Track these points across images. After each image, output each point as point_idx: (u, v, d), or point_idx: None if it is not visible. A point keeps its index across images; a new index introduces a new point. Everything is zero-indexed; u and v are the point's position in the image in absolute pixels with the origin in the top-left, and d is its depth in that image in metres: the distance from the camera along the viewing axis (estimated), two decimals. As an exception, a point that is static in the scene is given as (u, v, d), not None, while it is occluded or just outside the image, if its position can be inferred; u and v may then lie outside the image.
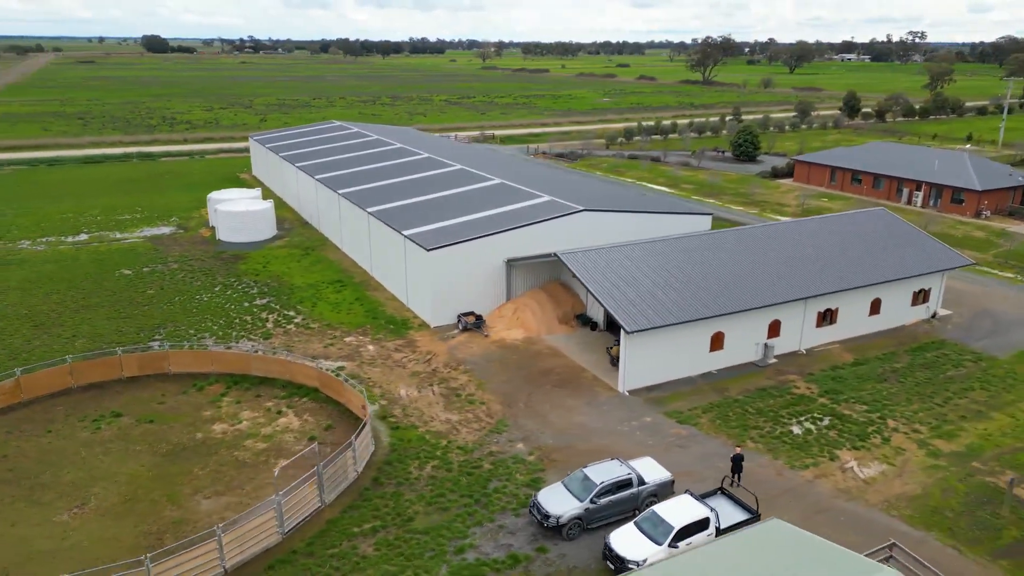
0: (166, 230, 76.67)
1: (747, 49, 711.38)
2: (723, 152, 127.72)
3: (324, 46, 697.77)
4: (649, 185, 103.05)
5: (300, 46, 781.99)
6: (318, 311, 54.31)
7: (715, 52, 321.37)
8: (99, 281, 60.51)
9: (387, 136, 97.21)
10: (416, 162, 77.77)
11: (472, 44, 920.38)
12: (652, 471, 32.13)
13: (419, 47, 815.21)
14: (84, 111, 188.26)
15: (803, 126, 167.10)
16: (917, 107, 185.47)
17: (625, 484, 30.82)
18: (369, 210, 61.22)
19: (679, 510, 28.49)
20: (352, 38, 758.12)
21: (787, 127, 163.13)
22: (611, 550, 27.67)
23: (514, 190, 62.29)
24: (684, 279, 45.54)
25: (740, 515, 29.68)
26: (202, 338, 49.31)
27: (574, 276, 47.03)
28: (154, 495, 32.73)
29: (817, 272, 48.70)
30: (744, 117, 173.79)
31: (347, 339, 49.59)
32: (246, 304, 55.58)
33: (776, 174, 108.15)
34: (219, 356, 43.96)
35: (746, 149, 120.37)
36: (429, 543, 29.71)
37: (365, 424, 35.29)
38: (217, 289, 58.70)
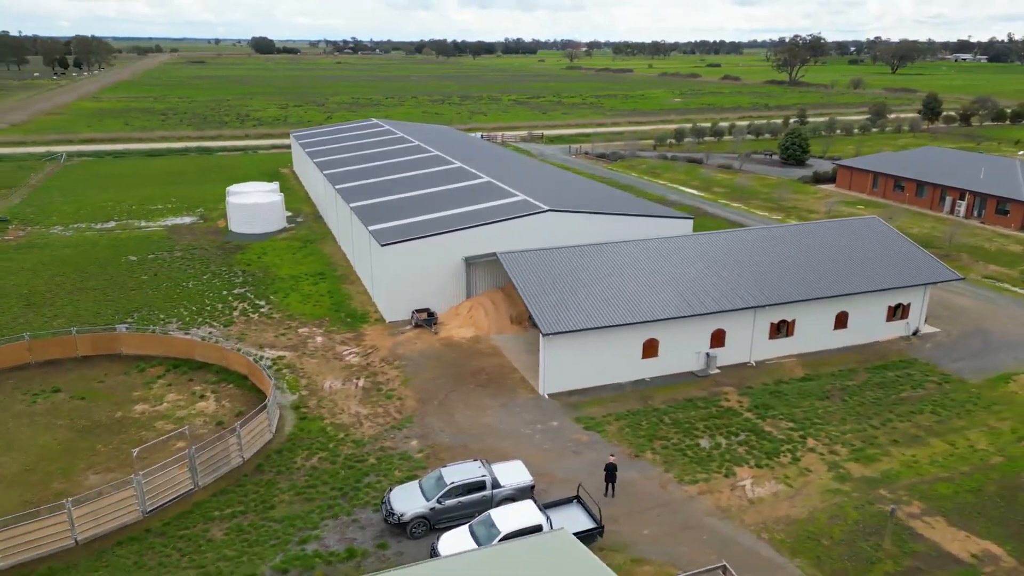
0: (187, 220, 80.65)
1: (852, 48, 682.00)
2: (771, 155, 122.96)
3: (419, 47, 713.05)
4: (680, 188, 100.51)
5: (397, 47, 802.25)
6: (287, 302, 55.97)
7: (802, 52, 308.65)
8: (105, 266, 64.39)
9: (413, 135, 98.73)
10: (421, 160, 78.74)
11: (567, 44, 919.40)
12: (513, 475, 31.65)
13: (512, 47, 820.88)
14: (171, 107, 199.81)
15: (874, 129, 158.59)
16: (1009, 111, 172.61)
17: (477, 486, 30.50)
18: (351, 205, 62.57)
19: (512, 516, 27.97)
20: (452, 39, 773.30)
21: (856, 130, 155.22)
22: (435, 552, 27.49)
23: (497, 189, 62.22)
24: (620, 283, 44.42)
25: (582, 525, 28.83)
26: (169, 323, 51.78)
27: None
28: (52, 467, 34.75)
29: (772, 281, 46.44)
30: (812, 119, 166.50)
31: (301, 330, 50.94)
32: (224, 292, 57.90)
33: (818, 179, 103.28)
34: (166, 340, 46.08)
35: (794, 152, 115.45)
36: (278, 532, 30.34)
37: (256, 413, 36.29)
38: (205, 277, 61.41)
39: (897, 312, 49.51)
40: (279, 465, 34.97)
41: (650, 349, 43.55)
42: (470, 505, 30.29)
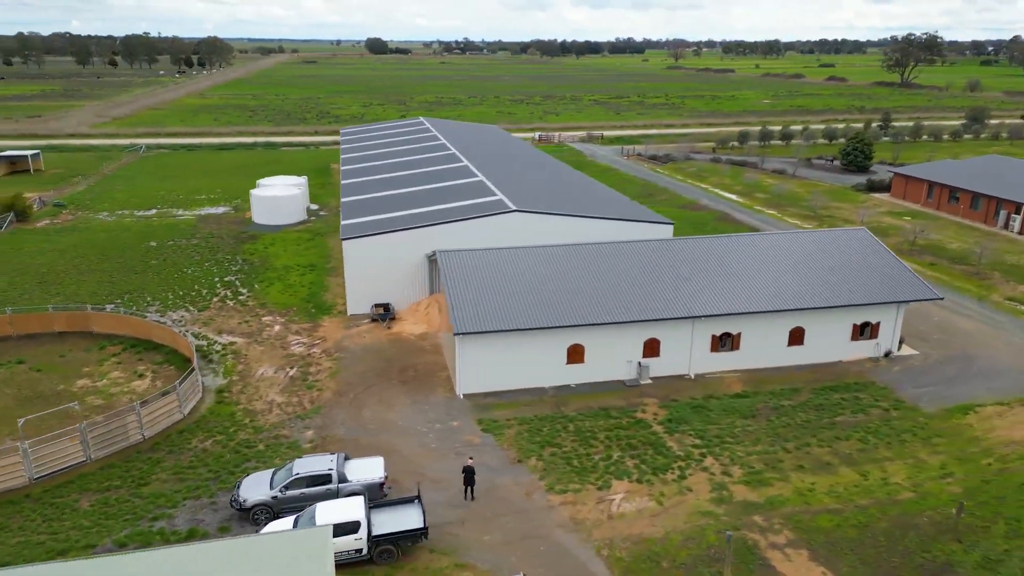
0: (220, 210, 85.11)
1: (990, 49, 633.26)
2: (832, 160, 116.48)
3: (524, 47, 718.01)
4: (720, 192, 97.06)
5: (504, 47, 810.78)
6: (267, 291, 58.26)
7: (916, 51, 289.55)
8: (125, 250, 69.04)
9: (446, 134, 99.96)
10: (433, 158, 79.71)
11: (679, 43, 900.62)
12: (364, 471, 31.91)
13: (620, 47, 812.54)
14: (263, 104, 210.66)
15: (967, 136, 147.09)
16: None
17: (322, 479, 30.99)
18: (344, 199, 64.33)
19: (333, 511, 28.26)
20: (562, 39, 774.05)
21: (946, 136, 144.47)
22: (257, 537, 28.16)
23: (483, 188, 62.30)
24: (550, 286, 43.68)
25: (407, 525, 28.75)
26: (151, 305, 55.07)
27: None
28: (-21, 431, 37.90)
29: (716, 292, 44.36)
30: (900, 123, 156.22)
31: (265, 318, 52.96)
32: (215, 279, 60.91)
33: (872, 187, 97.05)
34: (130, 321, 49.06)
35: (855, 158, 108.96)
36: (138, 507, 31.90)
37: (162, 394, 38.18)
38: (207, 264, 64.77)
39: (865, 331, 46.16)
40: (174, 445, 36.68)
41: (575, 355, 42.61)
42: (314, 497, 30.81)
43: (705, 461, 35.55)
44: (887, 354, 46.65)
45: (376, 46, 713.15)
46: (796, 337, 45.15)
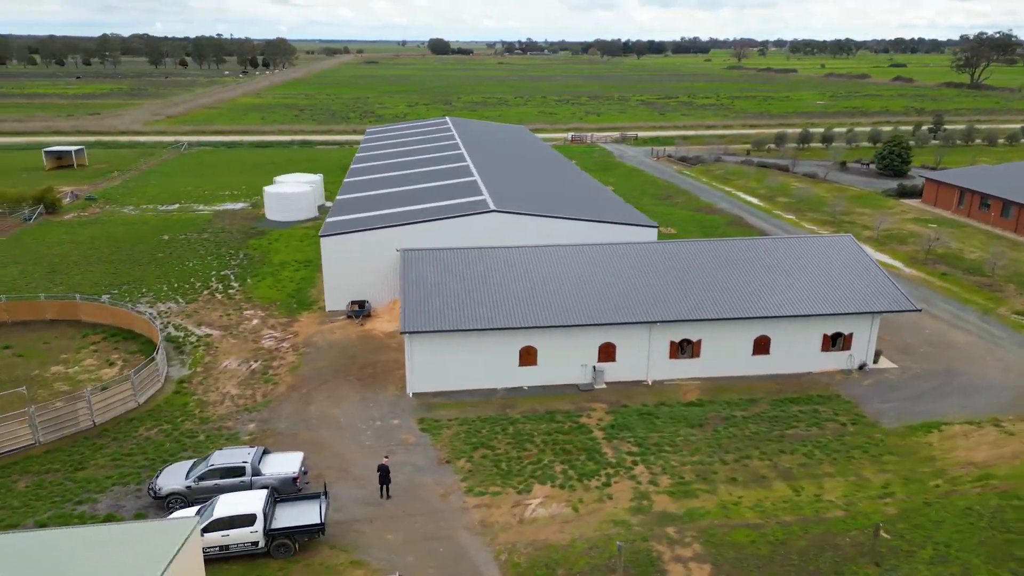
0: (238, 206, 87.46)
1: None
2: (868, 164, 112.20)
3: (586, 47, 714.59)
4: (741, 195, 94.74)
5: (566, 47, 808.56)
6: (258, 285, 59.63)
7: (987, 50, 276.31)
8: (136, 243, 71.66)
9: (466, 134, 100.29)
10: (439, 157, 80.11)
11: (744, 43, 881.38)
12: (281, 465, 32.34)
13: (684, 47, 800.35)
14: (312, 104, 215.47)
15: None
16: None
17: (236, 472, 31.57)
18: (338, 196, 65.31)
19: (232, 503, 28.76)
20: (626, 39, 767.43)
21: (1001, 140, 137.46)
22: (160, 525, 28.90)
23: (473, 188, 62.35)
24: (508, 287, 43.44)
25: (305, 521, 29.01)
26: (144, 296, 57.05)
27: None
28: (-51, 411, 39.93)
29: (676, 297, 43.32)
30: (953, 126, 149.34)
31: (246, 312, 54.22)
32: (212, 273, 62.68)
33: (904, 193, 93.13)
34: (114, 311, 50.92)
35: (891, 162, 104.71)
36: (68, 491, 33.08)
37: (116, 382, 39.50)
38: (208, 258, 66.71)
39: (837, 342, 44.38)
40: (121, 432, 37.91)
41: (527, 357, 42.27)
42: (227, 488, 31.40)
43: (635, 469, 34.79)
44: (861, 367, 44.74)
45: (438, 47, 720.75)
46: (761, 346, 43.73)
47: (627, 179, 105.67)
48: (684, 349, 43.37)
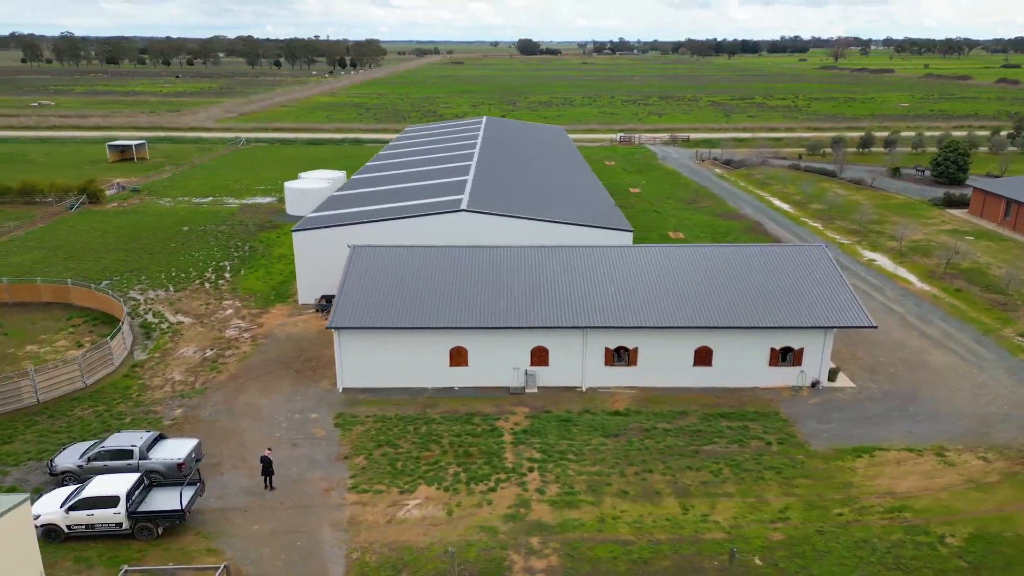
0: (266, 200, 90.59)
1: None
2: (924, 171, 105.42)
3: (676, 47, 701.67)
4: (773, 200, 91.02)
5: (656, 47, 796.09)
6: (246, 277, 61.66)
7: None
8: (157, 232, 75.36)
9: (494, 133, 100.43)
10: (452, 156, 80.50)
11: (842, 42, 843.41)
12: (170, 451, 33.32)
13: (781, 46, 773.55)
14: (379, 103, 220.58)
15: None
16: None
17: (124, 454, 32.78)
18: (334, 193, 66.71)
19: (102, 485, 29.87)
20: (724, 38, 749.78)
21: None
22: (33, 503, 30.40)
23: (459, 187, 62.39)
24: (445, 287, 43.30)
25: (168, 506, 29.83)
26: (139, 284, 59.97)
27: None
28: (-79, 383, 43.14)
29: (611, 303, 42.07)
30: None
31: (226, 302, 56.18)
32: (212, 262, 65.26)
33: (950, 202, 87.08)
34: (99, 297, 53.75)
35: (947, 169, 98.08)
36: (-11, 461, 35.25)
37: (61, 363, 41.74)
38: (215, 249, 69.45)
39: (787, 357, 42.04)
40: (58, 411, 39.99)
41: (458, 358, 42.04)
42: (116, 470, 32.66)
43: (528, 476, 34.08)
44: (814, 384, 42.22)
45: (527, 47, 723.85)
46: (703, 357, 41.93)
47: (660, 182, 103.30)
48: (621, 357, 42.11)
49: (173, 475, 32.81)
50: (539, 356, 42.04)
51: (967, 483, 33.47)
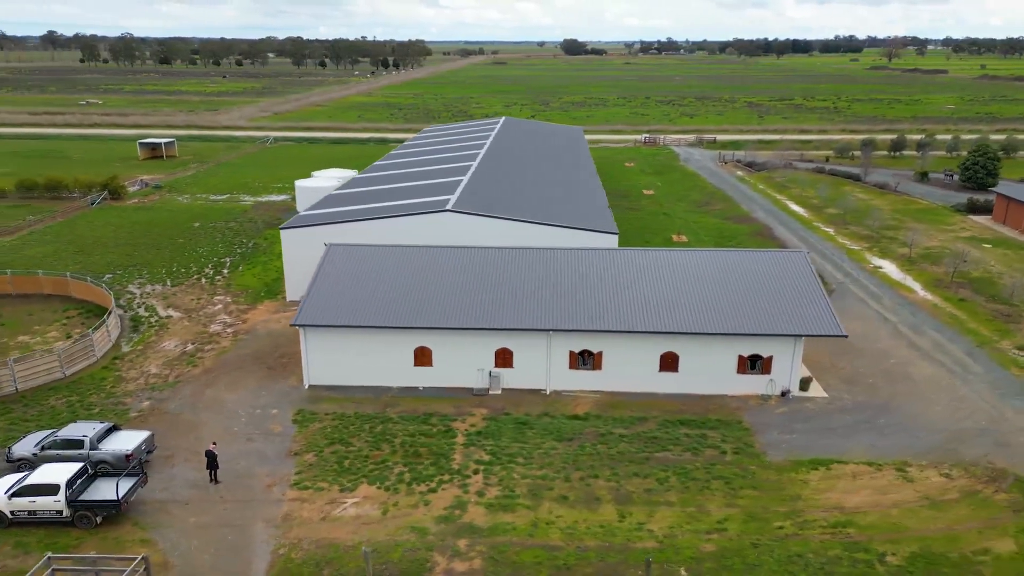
0: (280, 198, 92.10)
1: None
2: (952, 176, 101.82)
3: (723, 47, 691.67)
4: (788, 204, 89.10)
5: (702, 47, 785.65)
6: (243, 273, 62.78)
7: None
8: (168, 228, 77.24)
9: (510, 134, 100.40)
10: (457, 157, 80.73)
11: (903, 42, 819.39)
12: (121, 442, 34.07)
13: (832, 46, 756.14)
14: (413, 103, 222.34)
15: None
16: None
17: (76, 444, 33.66)
18: (334, 192, 67.46)
19: (43, 473, 30.69)
20: (778, 37, 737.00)
21: None
22: (-8, 487, 31.45)
23: (451, 187, 62.52)
24: (412, 287, 43.44)
25: (108, 496, 30.52)
26: (140, 278, 61.54)
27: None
28: (-87, 370, 44.98)
29: (576, 306, 41.65)
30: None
31: (217, 297, 57.29)
32: (215, 258, 66.62)
33: (973, 208, 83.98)
34: (94, 290, 55.31)
35: (975, 174, 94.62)
36: (-44, 446, 36.55)
37: (39, 353, 43.08)
38: (219, 246, 70.89)
39: (756, 365, 41.05)
40: (34, 400, 41.26)
41: (422, 358, 42.13)
42: (68, 459, 33.54)
43: (472, 478, 33.96)
44: (784, 393, 41.15)
45: (571, 47, 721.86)
46: (669, 363, 41.22)
47: (676, 184, 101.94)
48: (586, 360, 41.67)
49: (122, 466, 33.57)
50: (503, 358, 41.87)
51: (922, 500, 32.24)
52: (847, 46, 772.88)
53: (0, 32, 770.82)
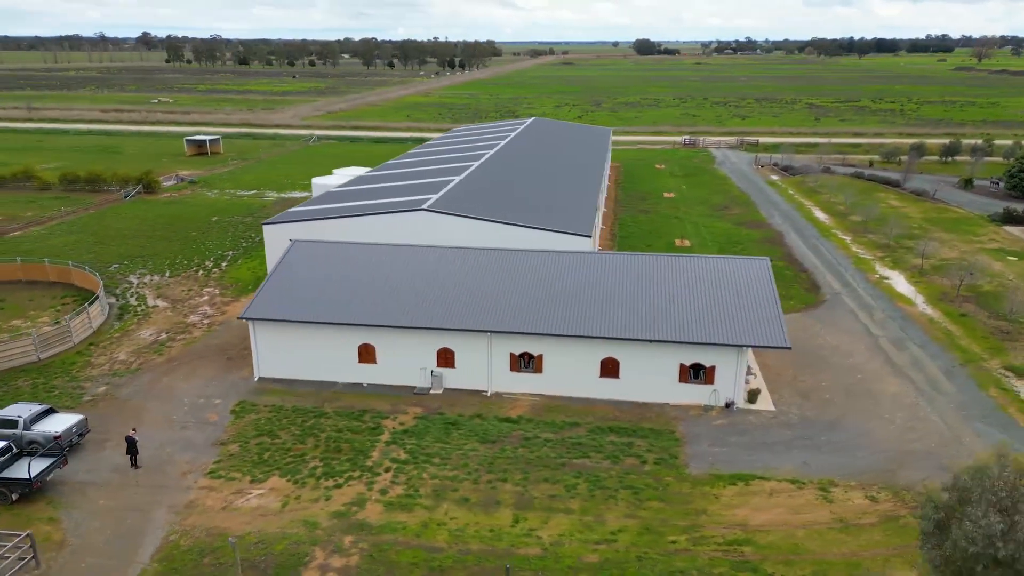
0: (302, 195, 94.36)
1: None
2: (998, 183, 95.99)
3: (802, 46, 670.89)
4: (812, 210, 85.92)
5: (780, 47, 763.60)
6: (239, 267, 64.68)
7: None
8: (188, 221, 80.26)
9: (530, 134, 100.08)
10: (463, 157, 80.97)
11: (998, 41, 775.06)
12: (53, 425, 35.56)
13: (921, 45, 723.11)
14: (465, 103, 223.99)
15: None
16: None
17: (10, 424, 35.38)
18: (332, 189, 68.74)
19: (-31, 451, 32.53)
20: (864, 36, 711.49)
21: None
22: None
23: (437, 186, 62.74)
24: (362, 284, 43.90)
25: (21, 475, 31.96)
26: (142, 268, 64.19)
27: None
28: (-91, 349, 48.15)
29: (514, 308, 41.23)
30: None
31: (206, 289, 59.22)
32: (217, 252, 68.89)
33: (1010, 218, 79.00)
34: (94, 280, 57.96)
35: (1021, 181, 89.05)
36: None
37: (15, 337, 45.43)
38: (228, 240, 73.23)
39: (699, 374, 39.76)
40: (4, 381, 43.56)
41: (366, 355, 42.52)
42: (4, 438, 35.32)
43: (381, 476, 34.12)
44: (728, 404, 39.72)
45: (643, 47, 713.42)
46: (609, 369, 40.37)
47: (701, 187, 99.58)
48: (527, 363, 41.24)
49: (49, 446, 35.12)
50: (445, 358, 41.84)
51: (834, 522, 30.63)
52: (937, 46, 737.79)
53: (100, 34, 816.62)
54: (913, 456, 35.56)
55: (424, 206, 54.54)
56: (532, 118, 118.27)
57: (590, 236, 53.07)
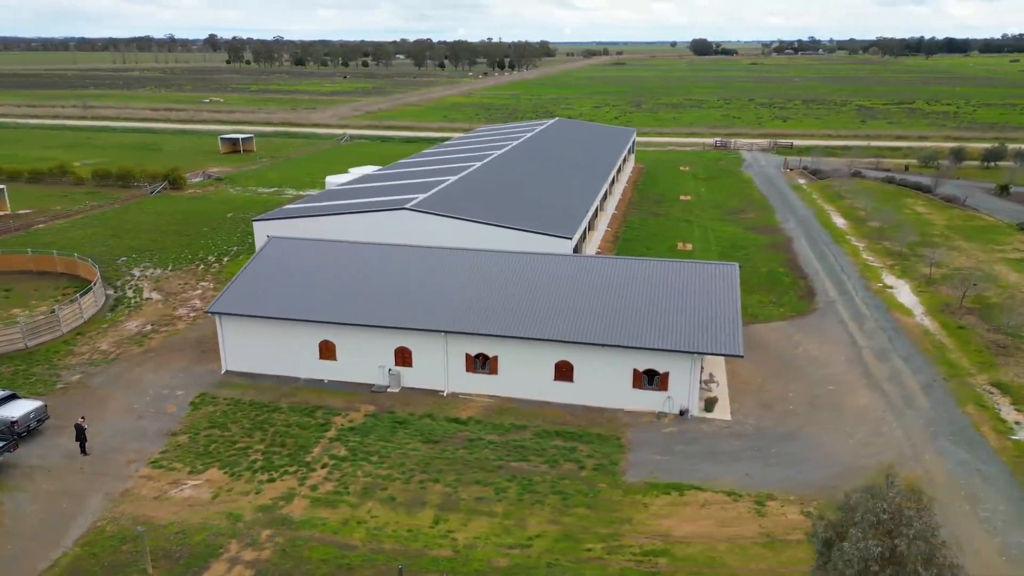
0: (317, 192, 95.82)
1: None
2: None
3: (866, 46, 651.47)
4: (831, 215, 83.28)
5: (845, 46, 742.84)
6: (235, 262, 66.02)
7: None
8: (204, 216, 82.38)
9: (549, 134, 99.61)
10: (469, 157, 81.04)
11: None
12: (12, 410, 36.84)
13: (995, 46, 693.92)
14: (505, 104, 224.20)
15: None
16: None
17: (-24, 409, 36.95)
18: (334, 187, 69.63)
19: (-73, 429, 34.02)
20: (935, 36, 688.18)
21: None
22: None
23: (428, 186, 62.93)
24: (326, 282, 44.34)
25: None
26: (147, 261, 66.15)
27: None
28: (-88, 334, 50.61)
29: (470, 309, 41.02)
30: None
31: (201, 283, 60.67)
32: (222, 247, 70.51)
33: (1039, 226, 75.21)
34: (93, 271, 60.02)
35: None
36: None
37: (5, 323, 47.31)
38: (234, 236, 74.88)
39: (654, 381, 38.89)
40: (-13, 367, 45.52)
41: (327, 351, 42.93)
42: (-33, 419, 36.91)
43: (316, 472, 34.38)
44: (682, 412, 38.74)
45: (700, 47, 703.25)
46: (564, 372, 39.84)
47: (721, 190, 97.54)
48: (483, 364, 41.01)
49: (4, 432, 36.44)
50: (403, 357, 41.93)
51: (761, 537, 29.57)
52: (1013, 45, 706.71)
53: (169, 35, 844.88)
54: (863, 472, 33.88)
55: (407, 205, 54.80)
56: (556, 118, 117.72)
57: (571, 238, 52.52)
